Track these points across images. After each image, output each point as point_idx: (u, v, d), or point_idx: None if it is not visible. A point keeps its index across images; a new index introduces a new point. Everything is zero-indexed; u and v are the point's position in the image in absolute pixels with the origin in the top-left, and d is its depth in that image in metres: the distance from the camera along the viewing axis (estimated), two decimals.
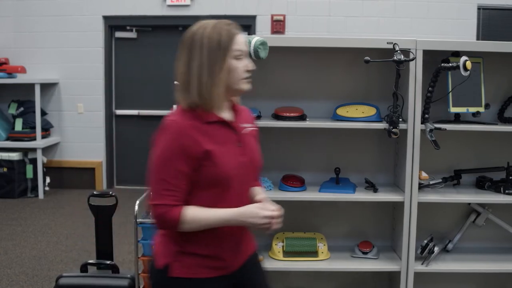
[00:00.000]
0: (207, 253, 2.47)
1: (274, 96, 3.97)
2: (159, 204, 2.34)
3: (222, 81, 2.41)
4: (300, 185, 3.82)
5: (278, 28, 8.45)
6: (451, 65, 3.56)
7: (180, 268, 2.44)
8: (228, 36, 2.42)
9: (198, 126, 2.38)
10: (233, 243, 2.54)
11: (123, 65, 8.86)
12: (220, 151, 2.40)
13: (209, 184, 2.40)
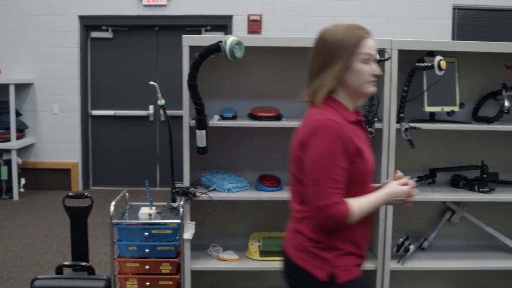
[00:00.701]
0: (356, 251, 2.52)
1: (250, 96, 3.97)
2: (328, 203, 2.34)
3: (354, 82, 2.48)
4: (276, 185, 3.82)
5: (255, 28, 8.45)
6: (426, 64, 3.58)
7: (343, 271, 2.46)
8: (356, 39, 2.47)
9: (346, 124, 2.44)
10: (367, 240, 2.61)
11: (99, 65, 8.80)
12: (364, 148, 2.47)
13: (358, 181, 2.45)
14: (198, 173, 3.88)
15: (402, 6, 8.58)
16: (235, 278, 4.09)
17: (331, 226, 2.41)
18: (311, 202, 2.39)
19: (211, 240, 4.01)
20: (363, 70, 2.49)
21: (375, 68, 2.54)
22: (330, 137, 2.38)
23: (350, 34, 2.48)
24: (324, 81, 2.52)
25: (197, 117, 3.53)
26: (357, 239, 2.51)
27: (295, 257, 2.55)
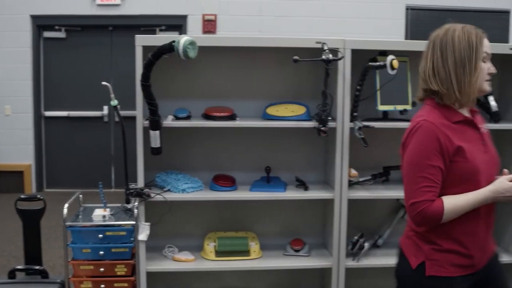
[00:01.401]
0: (459, 250, 2.53)
1: (204, 96, 3.96)
2: (419, 201, 2.42)
3: (475, 80, 2.52)
4: (231, 185, 3.81)
5: (210, 28, 8.43)
6: (378, 64, 3.61)
7: (434, 266, 2.53)
8: (478, 38, 2.54)
9: (447, 124, 2.50)
10: (480, 240, 2.58)
11: (52, 66, 8.67)
12: (469, 147, 2.50)
13: (460, 180, 2.48)
14: (152, 174, 3.85)
15: (356, 6, 8.66)
16: (191, 279, 4.07)
17: (423, 224, 2.51)
18: (405, 200, 2.52)
19: (166, 241, 3.98)
20: (483, 68, 2.55)
21: (490, 66, 2.60)
22: (423, 138, 2.48)
23: (473, 34, 2.56)
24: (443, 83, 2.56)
25: (150, 117, 3.51)
26: (460, 237, 2.53)
27: (402, 242, 2.71)
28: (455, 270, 2.55)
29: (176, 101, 3.90)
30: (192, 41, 3.28)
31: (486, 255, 2.64)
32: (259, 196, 3.78)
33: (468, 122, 2.58)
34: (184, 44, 3.25)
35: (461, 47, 2.53)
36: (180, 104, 3.87)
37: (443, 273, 2.54)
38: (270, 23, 8.44)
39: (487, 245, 2.65)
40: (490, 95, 4.00)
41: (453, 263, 2.55)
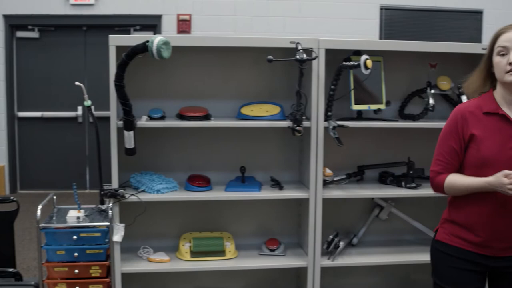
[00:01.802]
0: (463, 223, 2.83)
1: (178, 96, 3.95)
2: (431, 170, 2.87)
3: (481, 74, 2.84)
4: (206, 185, 3.81)
5: (184, 28, 8.41)
6: (352, 63, 3.63)
7: (442, 233, 2.92)
8: (496, 34, 2.77)
9: (476, 114, 2.77)
10: (490, 224, 2.76)
11: (25, 66, 8.60)
12: (488, 138, 2.73)
13: (470, 165, 2.78)
14: (127, 175, 3.83)
15: (331, 6, 8.70)
16: (167, 280, 4.06)
17: (433, 189, 2.91)
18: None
19: (141, 242, 3.97)
20: (499, 62, 2.71)
21: (510, 58, 2.68)
22: (450, 119, 2.86)
23: (497, 31, 2.79)
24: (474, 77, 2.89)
25: (124, 118, 3.49)
26: (468, 216, 2.81)
27: None
28: (460, 242, 2.84)
29: (150, 101, 3.89)
30: (166, 41, 3.27)
31: (502, 244, 2.78)
32: (234, 196, 3.77)
33: (499, 115, 2.74)
34: (158, 44, 3.24)
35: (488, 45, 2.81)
36: (155, 104, 3.86)
37: (447, 240, 2.89)
38: (245, 23, 8.44)
39: (506, 234, 2.77)
40: (463, 94, 4.04)
41: (458, 235, 2.85)
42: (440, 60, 4.15)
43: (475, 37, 9.09)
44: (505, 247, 2.79)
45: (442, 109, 4.22)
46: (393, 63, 4.12)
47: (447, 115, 4.19)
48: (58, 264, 3.67)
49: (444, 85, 4.06)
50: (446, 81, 4.06)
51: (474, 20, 9.24)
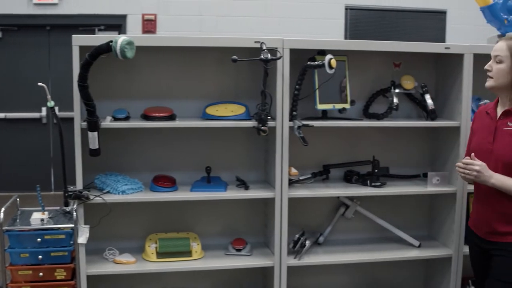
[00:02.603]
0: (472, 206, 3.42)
1: (143, 96, 3.92)
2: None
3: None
4: (171, 185, 3.79)
5: (149, 28, 8.36)
6: (317, 63, 3.65)
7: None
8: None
9: (482, 112, 3.31)
10: (477, 209, 3.31)
11: None
12: (478, 133, 3.26)
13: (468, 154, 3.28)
14: (91, 176, 3.79)
15: (297, 6, 8.71)
16: (133, 281, 4.04)
17: None
18: None
19: (107, 243, 3.93)
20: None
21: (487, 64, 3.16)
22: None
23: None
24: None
25: (88, 118, 3.46)
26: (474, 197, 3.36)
27: None
28: (470, 221, 3.43)
29: (114, 101, 3.86)
30: (129, 41, 3.25)
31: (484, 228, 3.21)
32: (200, 197, 3.77)
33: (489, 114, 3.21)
34: (122, 44, 3.22)
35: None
36: (119, 104, 3.83)
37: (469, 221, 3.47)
38: (211, 23, 8.42)
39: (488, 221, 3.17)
40: (427, 94, 4.09)
41: (470, 216, 3.43)
42: (404, 59, 4.19)
43: (439, 37, 9.18)
44: (487, 232, 3.19)
45: (406, 108, 4.27)
46: (358, 62, 4.15)
47: (411, 114, 4.29)
48: (22, 267, 3.63)
49: (408, 85, 4.10)
50: (410, 81, 4.11)
51: (438, 20, 9.33)
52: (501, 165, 3.07)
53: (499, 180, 3.05)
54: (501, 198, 3.08)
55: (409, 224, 4.38)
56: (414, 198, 4.33)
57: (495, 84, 3.12)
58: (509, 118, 3.11)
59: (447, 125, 4.06)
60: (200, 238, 3.95)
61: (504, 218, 3.09)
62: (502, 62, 3.08)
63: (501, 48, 3.09)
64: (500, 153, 3.08)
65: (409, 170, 4.35)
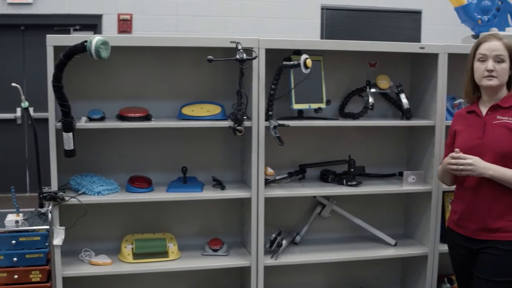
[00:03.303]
0: (451, 204, 3.48)
1: (119, 97, 3.90)
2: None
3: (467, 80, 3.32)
4: (147, 186, 3.77)
5: (125, 28, 8.33)
6: (292, 63, 3.66)
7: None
8: (477, 43, 3.25)
9: (462, 114, 3.41)
10: (467, 204, 3.27)
11: None
12: (464, 132, 3.31)
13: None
14: (66, 177, 3.77)
15: (273, 6, 8.72)
16: (109, 282, 4.01)
17: None
18: None
19: (83, 245, 3.90)
20: (479, 68, 3.21)
21: (488, 64, 3.16)
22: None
23: (477, 40, 3.29)
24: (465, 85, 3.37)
25: (63, 119, 3.43)
26: (456, 199, 3.41)
27: None
28: (450, 222, 3.43)
29: (90, 102, 3.84)
30: (104, 41, 3.23)
31: (473, 225, 3.22)
32: (176, 197, 3.76)
33: (474, 112, 3.28)
34: (96, 44, 3.20)
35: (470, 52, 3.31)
36: (94, 105, 3.81)
37: (447, 222, 3.50)
38: (187, 23, 8.41)
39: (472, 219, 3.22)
40: (402, 93, 4.11)
41: (450, 217, 3.43)
42: (379, 59, 4.21)
43: (414, 37, 9.25)
44: (476, 228, 3.20)
45: (381, 108, 4.29)
46: (333, 62, 4.16)
47: (386, 114, 4.31)
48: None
49: (383, 84, 4.12)
50: (385, 80, 4.13)
51: (413, 20, 9.40)
52: (492, 156, 3.11)
53: (497, 171, 3.08)
54: (493, 192, 3.12)
55: (385, 223, 4.41)
56: (390, 197, 4.35)
57: (499, 83, 3.18)
58: (497, 112, 3.19)
59: (422, 124, 4.09)
60: (176, 239, 3.93)
61: (496, 212, 3.12)
62: (504, 61, 3.15)
63: (499, 47, 3.15)
64: (491, 145, 3.13)
65: (385, 169, 4.38)
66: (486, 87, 3.22)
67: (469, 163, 3.10)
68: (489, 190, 3.14)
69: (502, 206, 3.12)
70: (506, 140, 3.11)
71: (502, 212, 3.12)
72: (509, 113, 3.16)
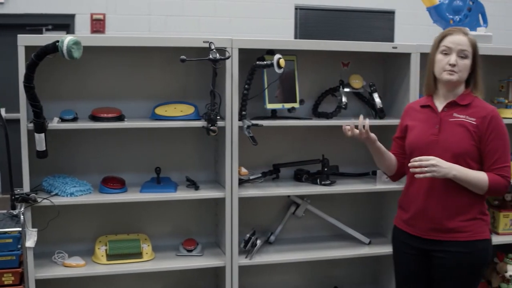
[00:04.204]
0: (401, 203, 3.33)
1: (91, 97, 3.88)
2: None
3: (429, 71, 3.20)
4: (120, 187, 3.75)
5: (98, 28, 8.27)
6: (265, 63, 3.66)
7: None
8: (441, 35, 3.14)
9: (415, 108, 3.30)
10: (420, 203, 3.15)
11: None
12: (417, 127, 3.20)
13: (408, 151, 3.24)
14: (39, 178, 3.73)
15: (246, 5, 8.72)
16: (83, 284, 3.98)
17: None
18: None
19: (56, 246, 3.88)
20: (440, 60, 3.10)
21: (451, 58, 3.06)
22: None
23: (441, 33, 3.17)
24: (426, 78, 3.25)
25: (35, 120, 3.40)
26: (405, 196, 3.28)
27: None
28: (397, 220, 3.32)
29: (62, 102, 3.81)
30: (76, 41, 3.21)
31: (426, 225, 3.13)
32: (150, 197, 3.74)
33: (429, 107, 3.19)
34: (68, 44, 3.18)
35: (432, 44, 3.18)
36: (67, 105, 3.78)
37: (394, 221, 3.37)
38: (160, 23, 8.37)
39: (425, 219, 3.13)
40: (375, 93, 4.14)
41: (398, 215, 3.33)
42: (352, 59, 4.24)
43: (388, 37, 9.30)
44: (429, 228, 3.12)
45: (354, 107, 4.31)
46: (307, 62, 4.18)
47: (359, 113, 4.29)
48: None
49: (356, 84, 4.15)
50: (358, 80, 4.15)
51: (387, 20, 9.45)
52: (449, 156, 3.03)
53: (460, 172, 3.00)
54: (446, 191, 3.07)
55: (359, 222, 4.43)
56: (363, 196, 4.38)
57: (459, 78, 3.08)
58: (454, 109, 3.10)
59: (395, 123, 4.08)
60: (150, 239, 3.92)
61: (449, 212, 3.07)
62: (467, 57, 3.06)
63: (464, 42, 3.06)
64: (447, 144, 3.06)
65: (359, 168, 4.40)
66: (445, 82, 3.10)
67: (432, 164, 2.97)
68: (442, 189, 3.07)
69: (455, 206, 3.06)
70: (463, 140, 3.04)
71: (455, 212, 3.06)
72: (466, 111, 3.08)
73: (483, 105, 3.10)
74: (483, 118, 3.04)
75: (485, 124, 3.03)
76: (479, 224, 3.09)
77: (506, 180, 3.03)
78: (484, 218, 3.12)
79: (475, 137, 3.03)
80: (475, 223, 3.08)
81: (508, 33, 9.25)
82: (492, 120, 3.04)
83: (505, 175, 3.03)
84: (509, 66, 4.54)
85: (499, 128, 3.05)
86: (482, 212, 3.12)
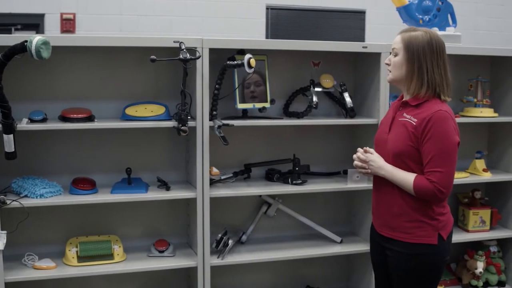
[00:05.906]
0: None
1: (61, 98, 3.84)
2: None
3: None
4: (91, 188, 3.73)
5: (68, 27, 8.20)
6: (236, 63, 3.66)
7: None
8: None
9: (392, 104, 3.30)
10: (373, 199, 3.32)
11: None
12: (381, 124, 3.31)
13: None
14: (7, 180, 3.69)
15: (217, 5, 8.72)
16: (54, 287, 3.95)
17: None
18: None
19: (26, 249, 3.83)
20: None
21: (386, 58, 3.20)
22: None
23: None
24: None
25: (3, 120, 3.36)
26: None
27: None
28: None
29: (31, 103, 3.77)
30: (45, 41, 3.18)
31: (377, 221, 3.27)
32: (120, 198, 3.72)
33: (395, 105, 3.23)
34: (37, 44, 3.15)
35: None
36: (36, 106, 3.74)
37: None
38: (131, 22, 8.33)
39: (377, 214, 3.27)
40: (346, 92, 4.16)
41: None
42: (323, 58, 4.25)
43: (359, 36, 9.37)
44: (381, 223, 3.22)
45: (325, 106, 4.33)
46: (277, 61, 4.18)
47: (330, 112, 4.36)
48: None
49: (327, 83, 4.16)
50: (329, 79, 4.17)
51: (358, 20, 9.52)
52: (391, 156, 3.08)
53: (388, 172, 3.07)
54: (392, 189, 3.10)
55: (331, 221, 4.46)
56: (335, 195, 4.40)
57: (392, 77, 3.13)
58: (406, 109, 3.09)
59: (366, 122, 4.15)
60: (122, 241, 3.90)
61: (394, 210, 3.10)
62: (397, 54, 3.08)
63: (396, 40, 3.11)
64: (391, 144, 3.09)
65: (330, 168, 4.42)
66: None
67: (366, 161, 3.17)
68: (389, 187, 3.11)
69: (398, 205, 3.08)
70: (401, 140, 3.04)
71: (399, 211, 3.08)
72: (414, 111, 3.05)
73: (431, 107, 3.00)
74: (423, 119, 2.97)
75: (422, 126, 2.97)
76: (425, 228, 3.04)
77: (433, 186, 2.93)
78: (432, 223, 3.04)
79: (413, 138, 3.00)
80: (420, 225, 3.04)
81: (477, 33, 9.39)
82: (431, 121, 2.95)
83: (433, 180, 2.94)
84: (478, 65, 4.60)
85: (438, 130, 2.94)
86: (429, 216, 3.04)
